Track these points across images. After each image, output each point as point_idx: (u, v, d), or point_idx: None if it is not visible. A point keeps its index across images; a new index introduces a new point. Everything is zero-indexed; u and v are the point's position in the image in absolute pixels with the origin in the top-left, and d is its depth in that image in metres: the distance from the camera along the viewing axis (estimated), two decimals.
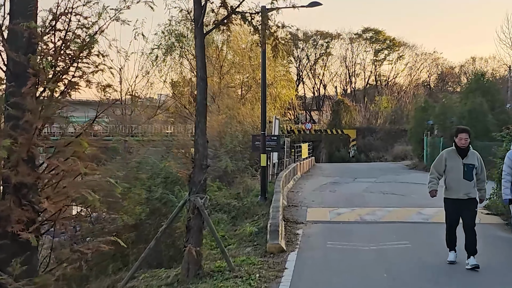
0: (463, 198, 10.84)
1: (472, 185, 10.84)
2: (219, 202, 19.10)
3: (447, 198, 11.29)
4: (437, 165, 11.44)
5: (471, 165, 10.83)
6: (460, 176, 10.79)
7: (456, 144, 11.17)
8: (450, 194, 11.11)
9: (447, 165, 11.07)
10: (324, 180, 30.42)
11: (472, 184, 10.82)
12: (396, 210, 18.25)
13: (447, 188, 11.18)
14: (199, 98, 10.37)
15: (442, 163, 11.23)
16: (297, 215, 17.47)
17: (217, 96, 47.95)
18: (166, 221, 10.89)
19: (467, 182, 10.77)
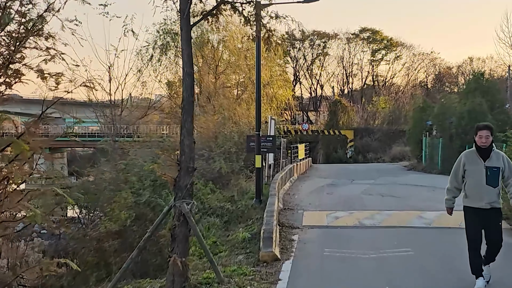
0: (485, 207, 9.05)
1: (497, 192, 8.99)
2: (212, 206, 18.23)
3: (467, 207, 9.46)
4: (455, 172, 9.57)
5: (495, 168, 8.91)
6: (482, 182, 8.98)
7: (476, 144, 9.15)
8: (471, 202, 9.31)
9: (466, 170, 9.24)
10: (321, 181, 29.60)
11: (496, 191, 8.98)
12: (396, 213, 17.40)
13: (467, 195, 9.38)
14: (185, 95, 9.52)
15: (460, 169, 9.39)
16: (293, 219, 16.65)
17: (212, 96, 47.20)
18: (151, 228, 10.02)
19: (490, 188, 8.95)
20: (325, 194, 24.10)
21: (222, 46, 52.24)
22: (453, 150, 34.10)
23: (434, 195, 23.59)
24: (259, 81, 20.78)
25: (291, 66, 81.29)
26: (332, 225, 15.68)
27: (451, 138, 34.47)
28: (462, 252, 10.19)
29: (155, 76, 51.78)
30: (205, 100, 47.83)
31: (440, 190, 26.07)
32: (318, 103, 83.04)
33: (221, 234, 15.48)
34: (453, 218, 16.58)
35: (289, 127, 61.88)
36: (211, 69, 50.63)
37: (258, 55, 20.74)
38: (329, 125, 59.57)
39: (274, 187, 20.12)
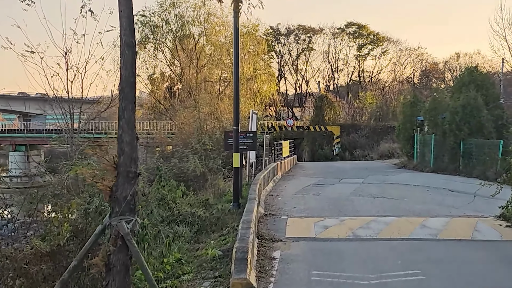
0: None
1: None
2: (182, 212, 15.51)
3: None
4: None
5: None
6: None
7: None
8: None
9: None
10: (306, 181, 27.19)
11: None
12: (395, 221, 14.78)
13: None
14: (125, 73, 6.88)
15: None
16: (275, 228, 14.03)
17: (193, 91, 44.71)
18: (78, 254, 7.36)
19: None
20: (312, 195, 21.70)
21: (204, 39, 49.70)
22: (447, 147, 31.85)
23: (430, 196, 21.81)
24: (237, 68, 18.18)
25: (276, 62, 78.79)
26: (321, 237, 13.04)
27: (444, 135, 32.08)
28: (486, 277, 7.67)
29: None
30: (186, 94, 45.35)
31: (435, 190, 23.89)
32: (304, 99, 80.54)
33: (189, 248, 12.79)
34: (461, 228, 14.27)
35: (273, 123, 59.25)
36: (192, 63, 48.15)
37: (236, 30, 18.15)
38: (315, 121, 57.04)
39: (254, 189, 17.51)
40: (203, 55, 48.73)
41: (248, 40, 50.44)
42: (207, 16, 49.03)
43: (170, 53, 50.74)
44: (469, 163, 30.66)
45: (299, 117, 75.82)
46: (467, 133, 30.72)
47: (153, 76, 51.25)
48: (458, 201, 20.47)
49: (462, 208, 18.62)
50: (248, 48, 50.50)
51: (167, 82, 53.03)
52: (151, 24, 48.94)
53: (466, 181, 27.53)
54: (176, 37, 49.44)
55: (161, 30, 49.33)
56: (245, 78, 47.85)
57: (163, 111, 50.15)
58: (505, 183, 15.38)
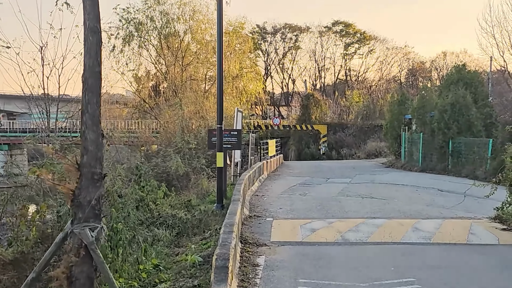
0: None
1: None
2: (162, 214, 14.71)
3: None
4: None
5: None
6: None
7: None
8: None
9: None
10: (293, 180, 26.49)
11: None
12: (385, 223, 14.03)
13: None
14: (88, 63, 6.10)
15: None
16: (260, 231, 13.26)
17: (179, 89, 43.96)
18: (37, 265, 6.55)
19: None
20: (298, 195, 20.97)
21: (189, 37, 48.88)
22: (435, 145, 31.31)
23: (419, 196, 21.19)
24: (220, 63, 17.34)
25: (262, 60, 78.05)
26: (308, 241, 12.25)
27: (433, 133, 31.52)
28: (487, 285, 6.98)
29: (118, 68, 48.06)
30: (171, 93, 44.54)
31: (424, 189, 23.20)
32: (290, 98, 79.83)
33: (168, 252, 11.98)
34: (456, 230, 13.56)
35: (259, 122, 58.43)
36: (178, 61, 47.32)
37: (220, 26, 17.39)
38: (301, 119, 56.29)
39: (239, 189, 16.73)
40: (188, 53, 47.91)
41: (234, 38, 49.80)
42: (193, 13, 48.30)
43: (155, 51, 49.86)
44: (458, 162, 30.11)
45: (285, 116, 75.10)
46: (456, 131, 30.17)
47: (137, 74, 50.34)
48: (448, 201, 19.91)
49: (453, 209, 18.06)
50: (234, 46, 49.83)
51: (153, 81, 52.18)
52: (136, 21, 48.01)
53: (455, 180, 27.05)
54: (161, 34, 48.59)
55: (145, 28, 48.43)
56: (230, 77, 47.23)
57: (147, 110, 49.28)
58: (500, 183, 14.70)
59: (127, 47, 48.47)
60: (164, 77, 49.23)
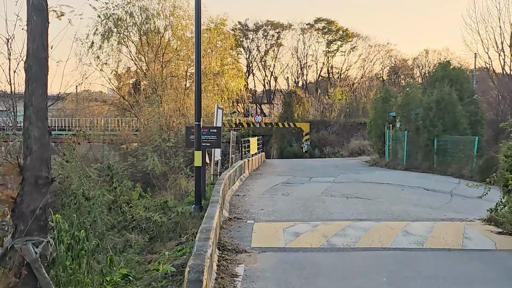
0: None
1: None
2: (135, 217, 13.71)
3: None
4: None
5: None
6: None
7: None
8: None
9: None
10: (275, 179, 25.59)
11: None
12: (373, 227, 13.08)
13: None
14: (33, 47, 5.11)
15: None
16: (240, 236, 12.28)
17: (159, 86, 42.99)
18: None
19: None
20: (280, 195, 20.08)
21: (169, 34, 47.80)
22: (420, 143, 30.61)
23: (405, 196, 20.47)
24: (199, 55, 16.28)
25: (244, 57, 77.09)
26: (291, 246, 11.28)
27: (418, 131, 30.80)
28: None
29: (96, 65, 46.85)
30: (151, 90, 43.48)
31: (409, 188, 22.34)
32: (272, 95, 78.90)
33: (140, 260, 10.98)
34: (449, 234, 12.63)
35: (241, 119, 57.43)
36: (158, 57, 46.24)
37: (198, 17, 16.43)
38: (284, 117, 55.34)
39: (218, 190, 15.78)
40: (169, 50, 46.84)
41: (215, 35, 48.84)
42: (173, 9, 47.23)
43: (134, 47, 48.75)
44: (443, 160, 29.43)
45: (267, 113, 74.20)
46: (441, 129, 29.49)
47: (118, 71, 49.21)
48: (435, 201, 19.26)
49: (441, 209, 17.36)
50: (215, 43, 48.85)
51: (134, 78, 51.09)
52: (114, 17, 46.83)
53: (441, 179, 26.42)
54: (141, 30, 47.50)
55: (125, 24, 47.28)
56: (211, 73, 46.30)
57: (127, 107, 48.19)
58: (494, 184, 13.87)
59: (106, 43, 47.33)
60: (144, 74, 48.12)
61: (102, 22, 46.41)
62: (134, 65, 49.64)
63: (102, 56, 46.98)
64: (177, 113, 37.83)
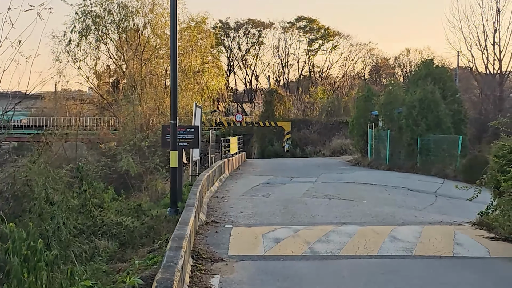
0: None
1: None
2: (106, 222, 12.78)
3: None
4: None
5: None
6: None
7: None
8: None
9: None
10: (256, 180, 24.85)
11: None
12: (358, 232, 12.25)
13: None
14: None
15: None
16: (216, 242, 11.42)
17: (138, 85, 42.05)
18: None
19: None
20: (261, 196, 19.35)
21: (148, 31, 46.94)
22: (403, 143, 30.01)
23: (389, 197, 19.88)
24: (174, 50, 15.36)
25: (225, 56, 76.17)
26: (271, 254, 10.42)
27: (401, 130, 30.18)
28: None
29: (74, 63, 45.84)
30: (130, 89, 42.51)
31: (393, 189, 21.52)
32: (253, 94, 78.06)
33: (108, 269, 10.08)
34: (439, 240, 11.74)
35: (221, 118, 56.51)
36: (137, 55, 45.29)
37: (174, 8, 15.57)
38: (265, 116, 54.55)
39: (195, 192, 14.93)
40: (148, 48, 46.00)
41: (196, 33, 48.00)
42: (152, 6, 46.45)
43: (113, 45, 47.74)
44: (427, 160, 28.87)
45: (249, 112, 73.38)
46: (425, 128, 28.92)
47: (97, 70, 48.22)
48: (420, 202, 18.71)
49: (426, 210, 16.80)
50: (196, 41, 47.98)
51: (114, 77, 50.11)
52: (93, 14, 45.89)
53: (424, 179, 25.92)
54: (120, 28, 46.55)
55: (103, 21, 46.31)
56: (191, 72, 45.50)
57: (106, 106, 47.22)
58: (484, 185, 13.18)
59: (84, 41, 46.34)
60: (123, 72, 47.16)
61: (80, 19, 45.55)
62: (113, 64, 48.71)
63: (80, 54, 46.18)
64: (156, 112, 36.97)
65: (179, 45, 46.30)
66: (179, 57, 45.85)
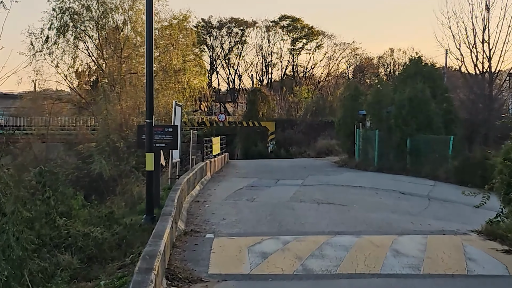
0: None
1: None
2: (72, 233, 11.29)
3: None
4: None
5: None
6: None
7: None
8: None
9: None
10: (239, 182, 23.53)
11: None
12: (355, 244, 10.79)
13: None
14: None
15: None
16: (195, 257, 9.96)
17: (117, 83, 40.60)
18: None
19: None
20: (245, 201, 17.99)
21: (128, 28, 45.34)
22: (392, 143, 28.76)
23: (381, 201, 18.67)
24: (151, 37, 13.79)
25: (208, 55, 74.65)
26: (258, 273, 8.96)
27: (390, 130, 28.91)
28: None
29: (51, 61, 44.18)
30: (109, 87, 40.96)
31: (384, 192, 19.88)
32: (237, 94, 76.67)
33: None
34: (447, 254, 10.21)
35: (204, 118, 55.03)
36: (116, 53, 43.69)
37: None
38: (248, 116, 53.17)
39: (173, 198, 13.53)
40: (127, 45, 44.36)
41: (177, 31, 46.54)
42: (132, 3, 44.86)
43: (92, 42, 46.14)
44: (417, 161, 27.66)
45: (231, 112, 72.01)
46: (415, 128, 27.70)
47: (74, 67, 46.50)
48: (414, 206, 17.56)
49: (421, 216, 15.68)
50: (177, 39, 46.52)
51: (95, 76, 48.53)
52: (71, 11, 44.22)
53: (415, 181, 24.70)
54: (99, 25, 44.96)
55: (81, 18, 44.67)
56: (173, 70, 44.03)
57: (85, 105, 45.64)
58: (494, 190, 11.87)
59: (62, 39, 44.69)
60: (102, 70, 45.57)
61: (58, 16, 43.89)
62: (92, 61, 47.08)
63: (58, 52, 44.54)
64: (136, 112, 35.65)
65: (160, 44, 44.96)
66: (159, 55, 44.59)
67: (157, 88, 43.58)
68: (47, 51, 43.98)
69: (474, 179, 22.44)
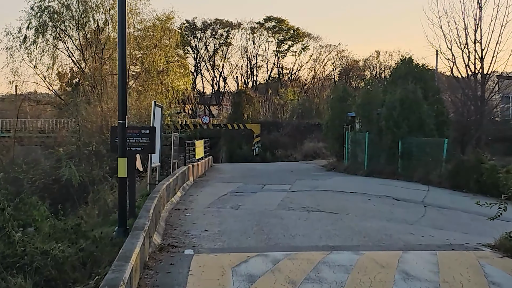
0: None
1: None
2: (28, 250, 9.65)
3: None
4: None
5: None
6: None
7: None
8: None
9: None
10: (223, 188, 22.07)
11: None
12: (357, 263, 9.19)
13: None
14: None
15: None
16: (169, 282, 8.32)
17: (98, 84, 39.12)
18: None
19: None
20: (229, 208, 16.53)
21: (109, 28, 43.88)
22: (383, 146, 27.39)
23: (374, 207, 17.35)
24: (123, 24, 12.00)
25: (192, 57, 73.25)
26: None
27: (380, 133, 27.54)
28: None
29: (30, 61, 42.60)
30: (90, 89, 39.37)
31: (377, 198, 17.71)
32: (221, 96, 75.30)
33: None
34: (466, 278, 8.52)
35: (187, 120, 53.54)
36: (97, 54, 42.15)
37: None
38: (233, 118, 51.87)
39: (148, 208, 11.93)
40: (109, 46, 42.94)
41: (160, 31, 45.07)
42: (113, 2, 43.33)
43: (72, 43, 44.51)
44: (409, 165, 26.31)
45: (216, 115, 70.65)
46: (407, 130, 26.33)
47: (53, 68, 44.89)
48: (410, 213, 16.30)
49: (419, 224, 14.46)
50: (160, 39, 45.06)
51: (76, 78, 46.90)
52: (50, 9, 42.77)
53: (407, 186, 23.44)
54: (79, 24, 43.38)
55: (61, 17, 43.09)
56: (155, 71, 42.65)
57: (64, 107, 44.00)
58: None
59: (41, 38, 43.09)
60: (82, 71, 43.96)
61: (36, 15, 42.46)
62: (72, 62, 45.47)
63: (36, 52, 42.96)
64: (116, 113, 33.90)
65: (143, 44, 43.55)
66: (142, 56, 43.12)
67: (140, 89, 42.26)
68: (25, 51, 42.53)
69: (469, 183, 21.76)
